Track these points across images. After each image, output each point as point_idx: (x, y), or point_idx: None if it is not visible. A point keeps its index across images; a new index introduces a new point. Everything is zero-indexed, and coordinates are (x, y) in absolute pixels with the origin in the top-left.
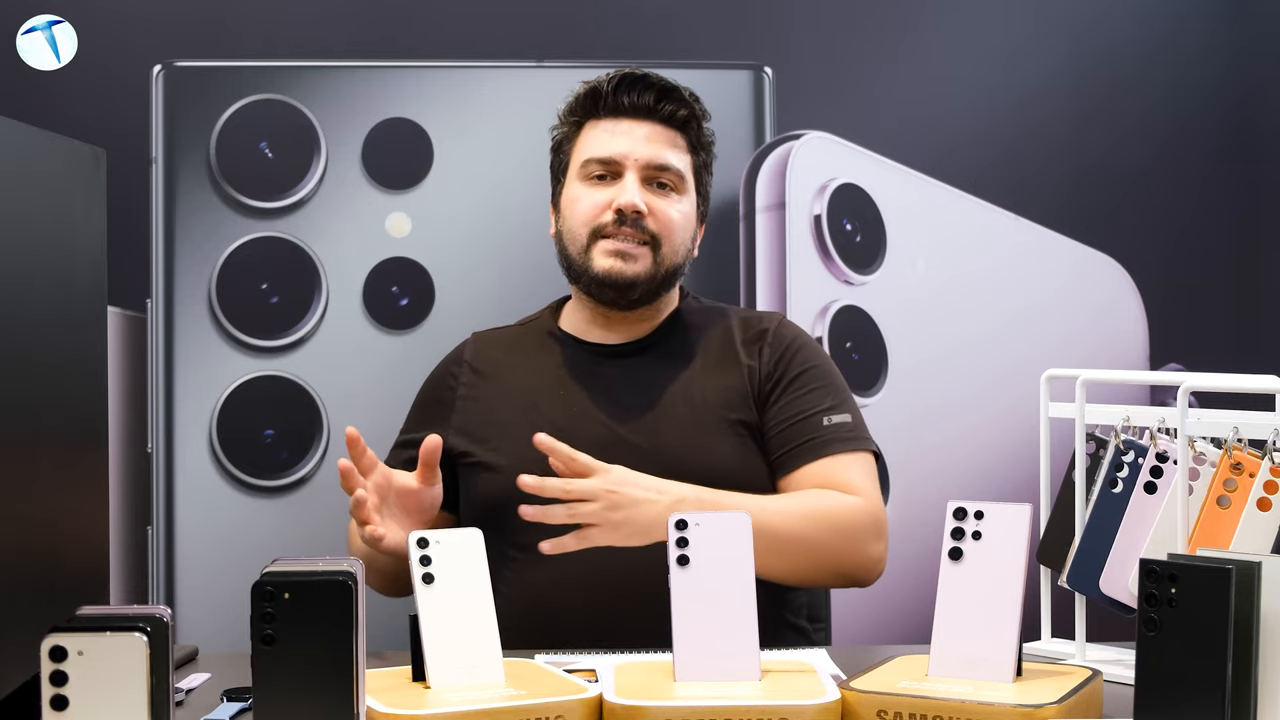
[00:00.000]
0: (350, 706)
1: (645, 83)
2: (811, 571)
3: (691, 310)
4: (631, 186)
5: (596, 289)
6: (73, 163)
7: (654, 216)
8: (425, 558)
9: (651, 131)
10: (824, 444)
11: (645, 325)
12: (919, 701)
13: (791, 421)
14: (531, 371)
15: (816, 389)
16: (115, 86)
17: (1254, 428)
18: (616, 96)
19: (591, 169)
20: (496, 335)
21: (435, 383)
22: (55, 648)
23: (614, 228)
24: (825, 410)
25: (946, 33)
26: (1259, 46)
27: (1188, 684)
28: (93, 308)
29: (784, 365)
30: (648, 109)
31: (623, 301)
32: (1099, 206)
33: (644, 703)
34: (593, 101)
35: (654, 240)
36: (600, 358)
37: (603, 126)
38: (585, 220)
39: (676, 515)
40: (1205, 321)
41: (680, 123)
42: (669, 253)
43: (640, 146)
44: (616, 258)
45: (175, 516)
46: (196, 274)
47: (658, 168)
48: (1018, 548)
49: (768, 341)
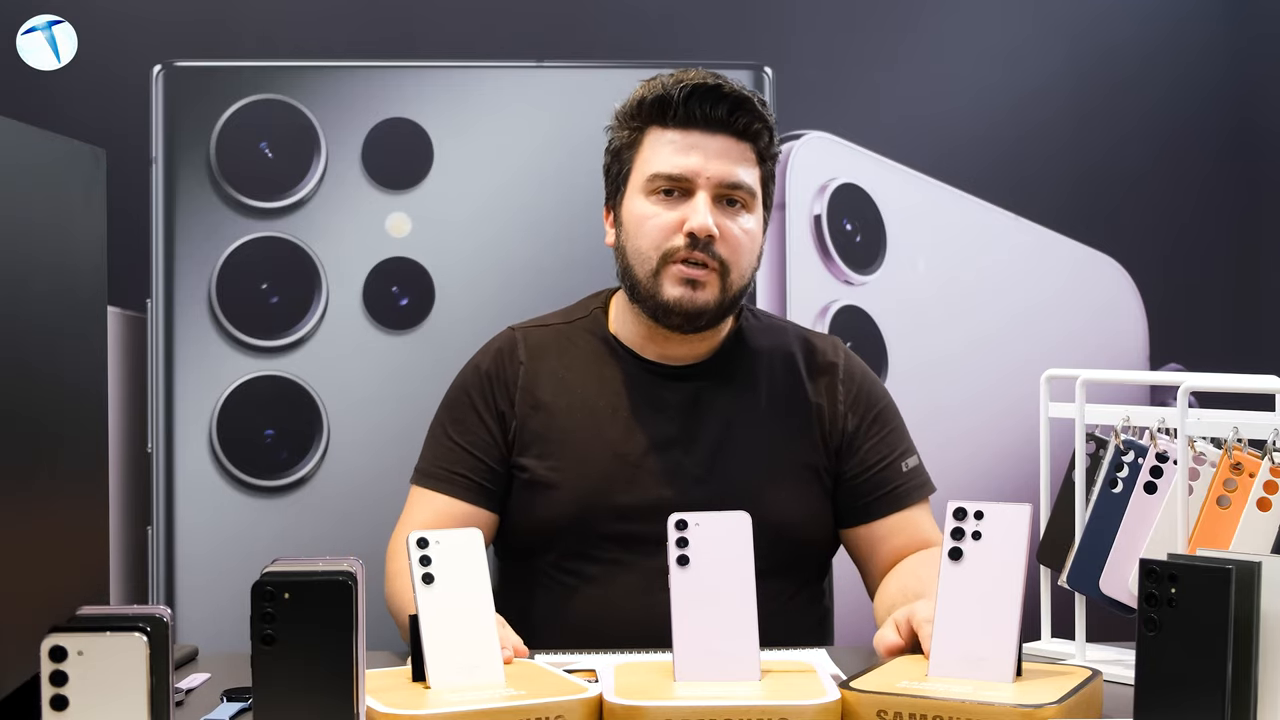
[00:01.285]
0: (350, 706)
1: (719, 94)
2: None
3: (752, 329)
4: (703, 207)
5: (663, 315)
6: (73, 163)
7: (724, 241)
8: (425, 558)
9: (724, 146)
10: (907, 492)
11: (707, 345)
12: (919, 701)
13: (875, 470)
14: (589, 385)
15: (893, 430)
16: (115, 86)
17: (1254, 428)
18: (688, 107)
19: (659, 184)
20: (544, 334)
21: (493, 373)
22: (55, 648)
23: (685, 251)
24: (901, 455)
25: (946, 33)
26: (1259, 47)
27: (1188, 684)
28: (93, 308)
29: (861, 409)
30: (721, 122)
31: (688, 328)
32: (1099, 206)
33: (644, 703)
34: (659, 109)
35: (723, 266)
36: (662, 379)
37: (669, 137)
38: (655, 243)
39: (677, 515)
40: (1205, 321)
41: (753, 135)
42: (737, 277)
43: (712, 164)
44: (687, 286)
45: (175, 516)
46: (196, 274)
47: (730, 186)
48: (1018, 548)
49: (840, 379)
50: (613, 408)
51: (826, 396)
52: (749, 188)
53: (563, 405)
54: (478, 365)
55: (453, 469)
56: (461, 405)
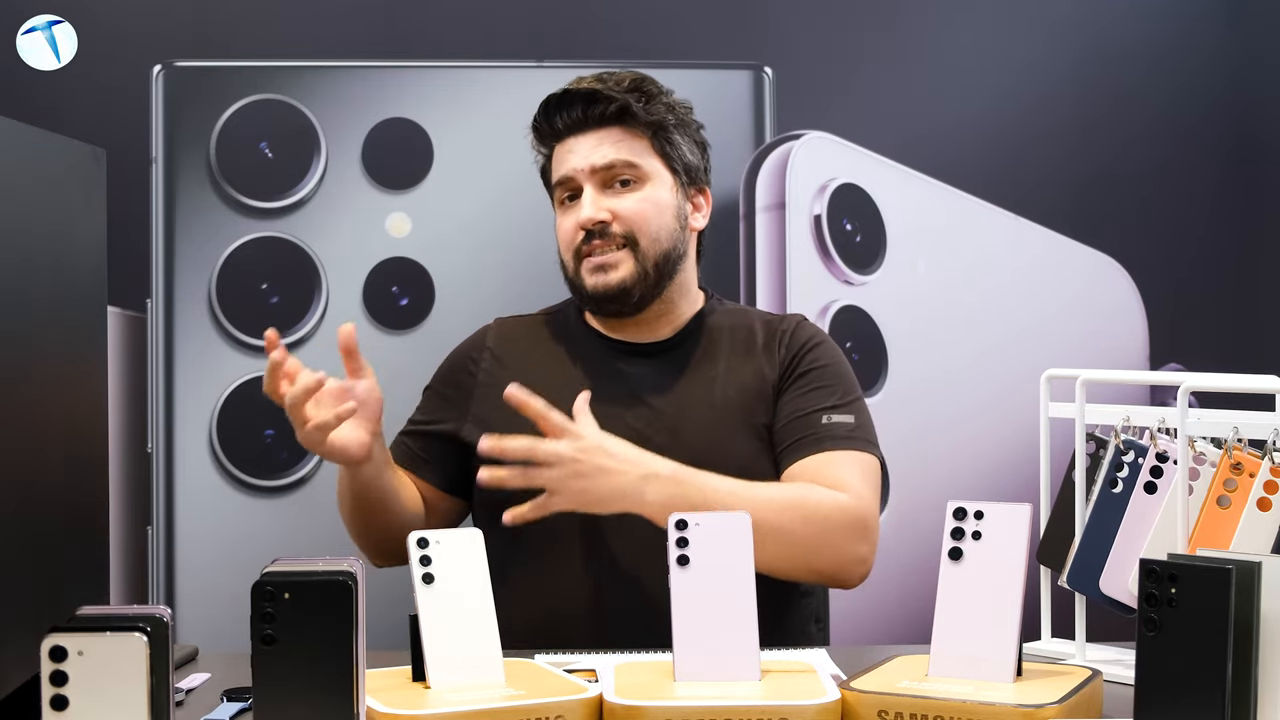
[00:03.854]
0: (350, 706)
1: (568, 99)
2: (786, 563)
3: (715, 312)
4: (587, 200)
5: (595, 306)
6: (73, 163)
7: (619, 219)
8: (425, 558)
9: (596, 138)
10: (819, 440)
11: (667, 325)
12: (919, 701)
13: (793, 417)
14: (554, 364)
15: (822, 387)
16: (115, 86)
17: (1254, 428)
18: (551, 122)
19: (561, 194)
20: (519, 324)
21: (455, 366)
22: (55, 648)
23: (585, 245)
24: (827, 409)
25: (947, 33)
26: (1262, 52)
27: (1188, 684)
28: (93, 308)
29: (795, 363)
30: (581, 120)
31: (625, 310)
32: (1099, 207)
33: (644, 703)
34: (540, 132)
35: (629, 240)
36: (625, 356)
37: (558, 151)
38: (567, 245)
39: (676, 515)
40: (1205, 321)
41: (616, 116)
42: (648, 245)
43: (585, 157)
44: (598, 272)
45: (175, 516)
46: (196, 274)
47: (606, 168)
48: (1018, 548)
49: (786, 341)
50: (573, 383)
51: (775, 352)
52: (628, 162)
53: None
54: (449, 356)
55: (403, 440)
56: (427, 393)
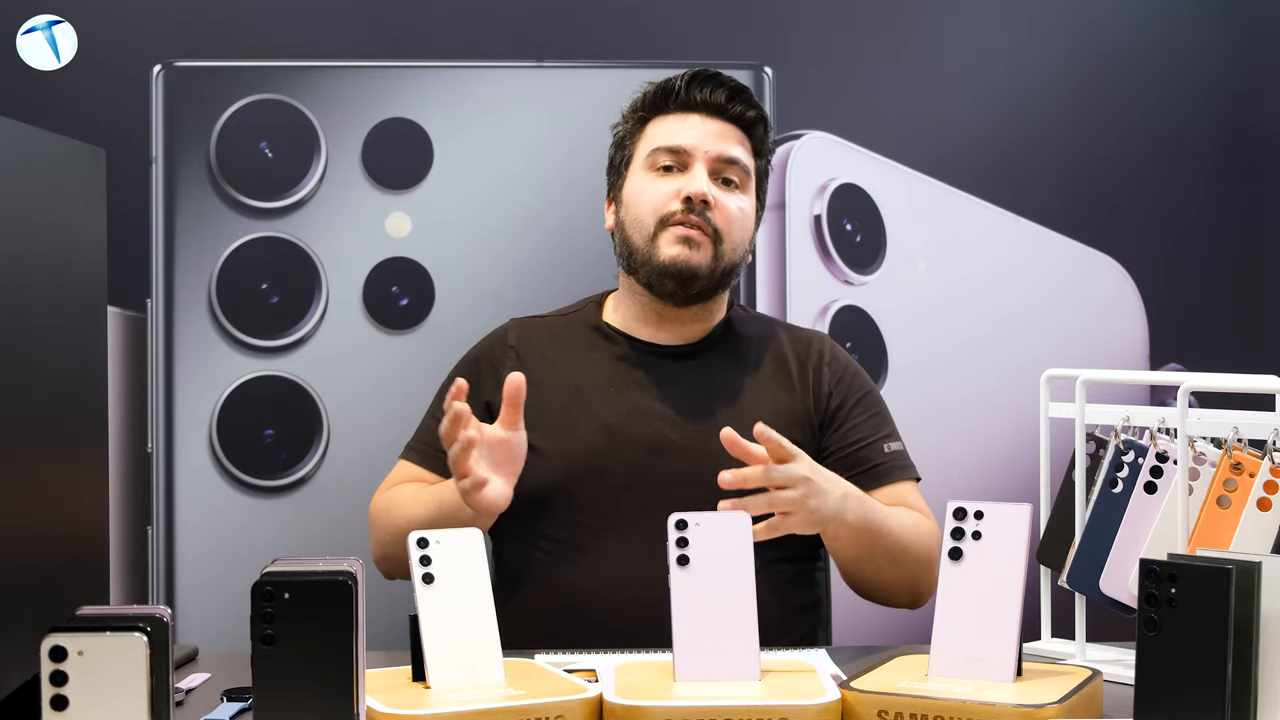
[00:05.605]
0: (350, 706)
1: (718, 81)
2: (898, 584)
3: (741, 319)
4: (700, 176)
5: (658, 279)
6: (73, 163)
7: (719, 210)
8: (425, 558)
9: (721, 129)
10: (889, 470)
11: (697, 328)
12: (919, 701)
13: (857, 447)
14: (580, 365)
15: (876, 415)
16: (115, 86)
17: (1254, 428)
18: (689, 91)
19: (659, 159)
20: (538, 324)
21: (481, 356)
22: (55, 648)
23: (682, 214)
24: (883, 438)
25: (946, 33)
26: (1258, 47)
27: (1188, 684)
28: (93, 308)
29: (844, 390)
30: (719, 107)
31: (682, 295)
32: (1098, 206)
33: (644, 703)
34: (663, 97)
35: (717, 234)
36: (652, 357)
37: (670, 120)
38: (653, 209)
39: (677, 515)
40: (1205, 321)
41: (748, 124)
42: (729, 249)
43: (710, 140)
44: (684, 244)
45: (175, 516)
46: (196, 274)
47: (726, 161)
48: (1018, 548)
49: (825, 363)
50: (600, 383)
51: (813, 375)
52: (744, 166)
53: (550, 383)
54: (472, 351)
55: (430, 443)
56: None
